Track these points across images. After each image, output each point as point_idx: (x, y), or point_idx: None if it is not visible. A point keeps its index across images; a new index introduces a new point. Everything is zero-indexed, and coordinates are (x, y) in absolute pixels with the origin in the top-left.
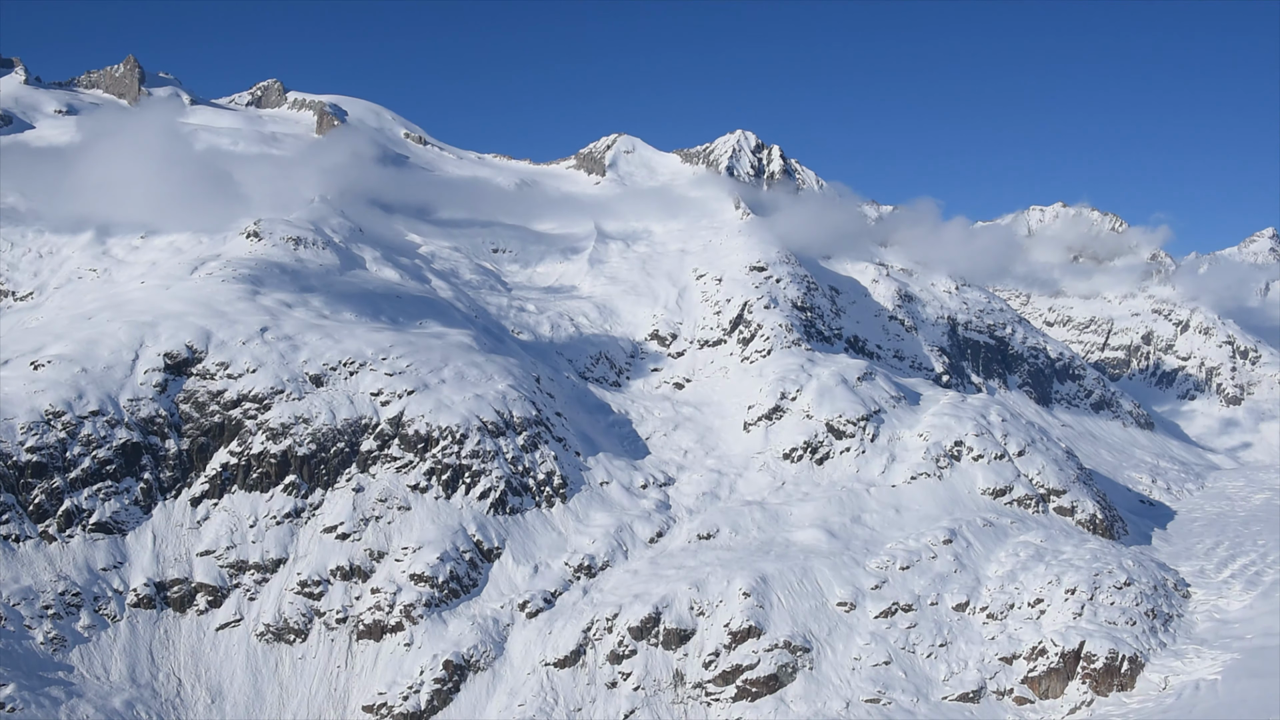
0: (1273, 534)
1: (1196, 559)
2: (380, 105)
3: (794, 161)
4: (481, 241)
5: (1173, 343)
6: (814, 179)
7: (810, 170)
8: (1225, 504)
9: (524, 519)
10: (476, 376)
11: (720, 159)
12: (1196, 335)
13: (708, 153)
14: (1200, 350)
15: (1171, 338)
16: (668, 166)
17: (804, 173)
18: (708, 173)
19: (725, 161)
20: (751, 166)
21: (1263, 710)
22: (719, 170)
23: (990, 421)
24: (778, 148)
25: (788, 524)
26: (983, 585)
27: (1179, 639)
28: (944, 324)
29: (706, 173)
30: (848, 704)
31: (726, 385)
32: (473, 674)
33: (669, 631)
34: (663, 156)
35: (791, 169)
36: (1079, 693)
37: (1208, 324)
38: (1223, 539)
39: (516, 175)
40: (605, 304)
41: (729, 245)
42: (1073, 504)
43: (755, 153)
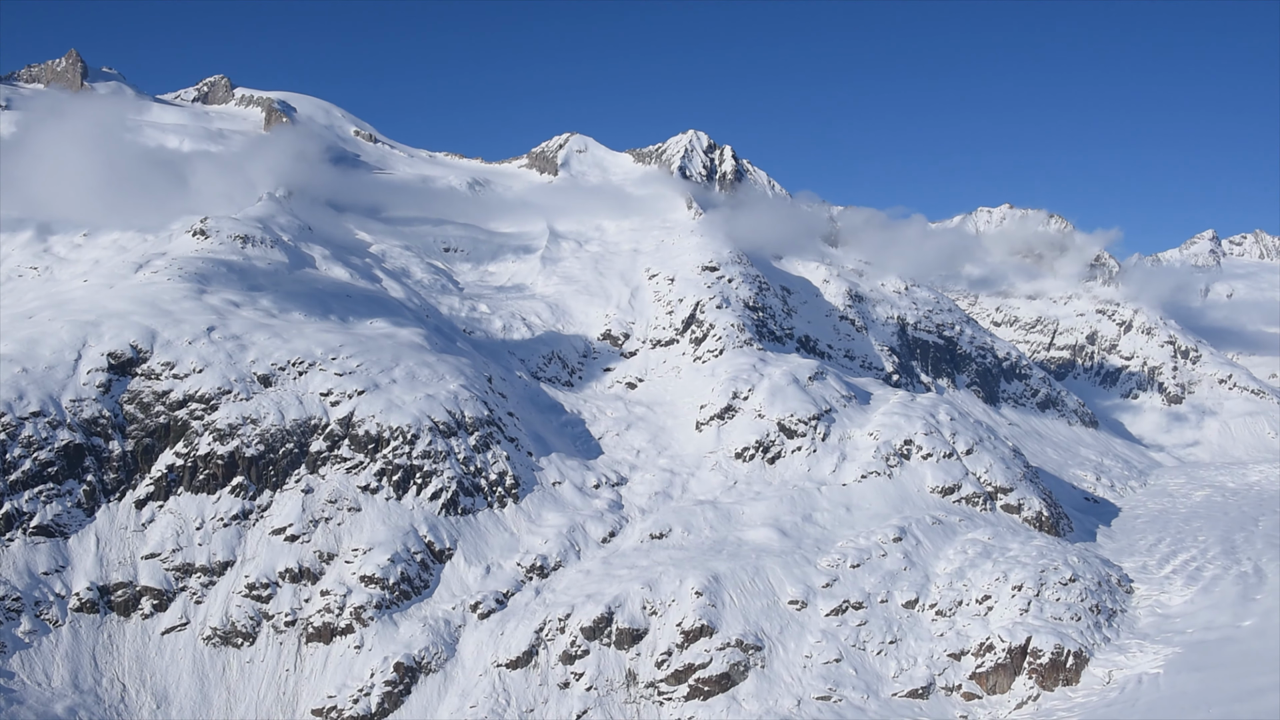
0: (1213, 530)
1: (1139, 555)
2: (330, 102)
3: (746, 162)
4: (433, 240)
5: (1116, 342)
6: (765, 179)
7: (762, 170)
8: (1167, 501)
9: (476, 519)
10: (428, 376)
11: (673, 159)
12: (1139, 335)
13: (660, 152)
14: (1143, 350)
15: (1115, 338)
16: (620, 166)
17: (756, 173)
18: (660, 172)
19: (677, 161)
20: (704, 166)
21: (1203, 703)
22: (671, 170)
23: (939, 420)
24: (730, 148)
25: (740, 523)
26: (932, 582)
27: (1122, 634)
28: (894, 324)
29: (659, 172)
30: (799, 702)
31: (679, 385)
32: (424, 676)
33: (621, 631)
34: (615, 156)
35: (743, 169)
36: (1025, 688)
37: (1150, 324)
38: (1164, 535)
39: (468, 174)
40: (558, 303)
41: (681, 245)
42: (1019, 502)
43: (707, 153)
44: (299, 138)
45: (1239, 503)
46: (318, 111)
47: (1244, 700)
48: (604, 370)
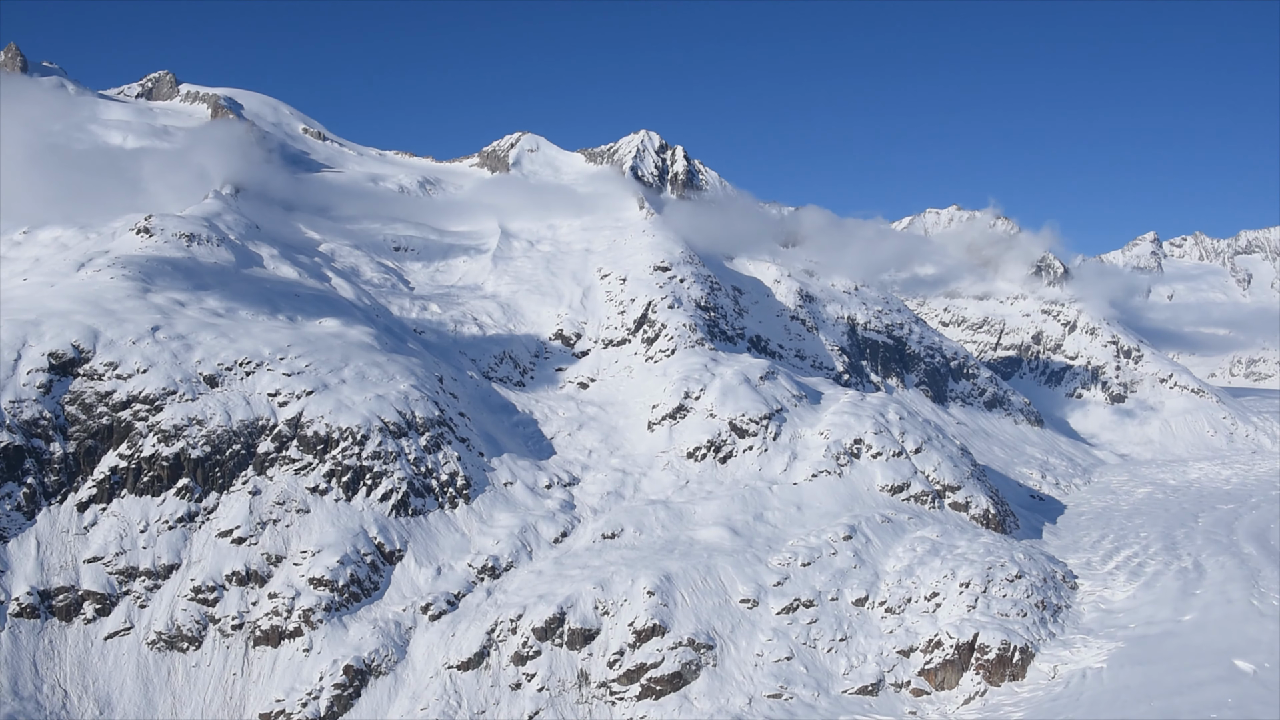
0: (1154, 527)
1: (1083, 552)
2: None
3: (697, 162)
4: (383, 239)
5: (1061, 342)
6: (717, 179)
7: (713, 171)
8: (1110, 498)
9: (427, 520)
10: (378, 376)
11: (624, 159)
12: (1083, 335)
13: (612, 152)
14: (1087, 350)
15: (1060, 337)
16: (572, 165)
17: (707, 173)
18: (612, 172)
19: (629, 161)
20: (655, 166)
21: (1145, 696)
22: (623, 170)
23: (889, 420)
24: (681, 148)
25: (692, 522)
26: (881, 580)
27: (1067, 629)
28: (844, 324)
29: (610, 172)
30: (750, 700)
31: (631, 384)
32: (374, 678)
33: (573, 631)
34: (567, 155)
35: (695, 169)
36: (973, 683)
37: (1094, 324)
38: (1108, 532)
39: (419, 173)
40: (509, 303)
41: (633, 245)
42: (967, 499)
43: (659, 153)
44: (246, 135)
45: (1179, 499)
46: (265, 109)
47: (1185, 693)
48: (556, 370)
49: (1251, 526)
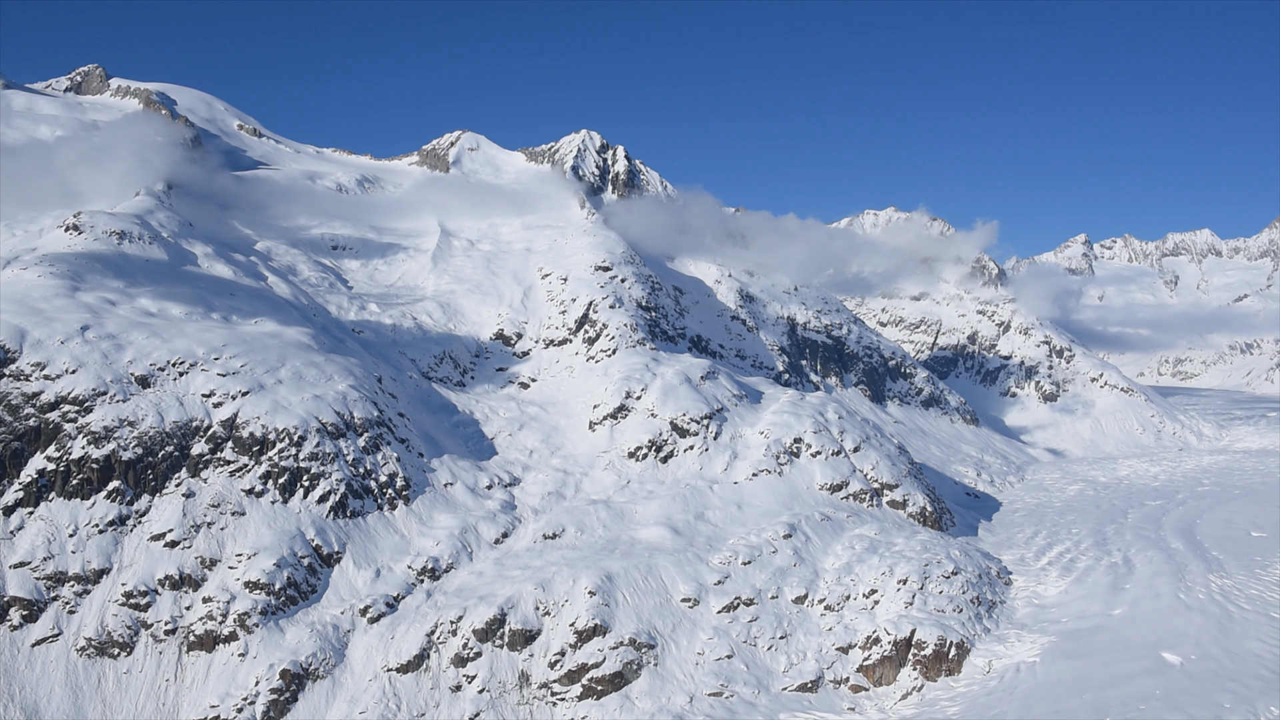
0: (1086, 523)
1: (1017, 548)
2: (212, 95)
3: (639, 162)
4: (321, 238)
5: (996, 342)
6: (658, 180)
7: (654, 171)
8: (1043, 495)
9: (365, 522)
10: (315, 376)
11: (565, 158)
12: (1017, 335)
13: (553, 152)
14: (1021, 349)
15: (995, 337)
16: (512, 165)
17: (648, 173)
18: (553, 172)
19: (570, 161)
20: (596, 166)
21: (1077, 689)
22: (564, 169)
23: (828, 419)
24: (622, 148)
25: (633, 522)
26: (821, 578)
27: (1001, 624)
28: (784, 324)
29: (552, 172)
30: (691, 698)
31: (572, 384)
32: (311, 682)
33: (514, 632)
34: (507, 154)
35: (636, 169)
36: (910, 679)
37: (1027, 325)
38: (1041, 528)
39: (357, 170)
40: (449, 303)
41: (574, 245)
42: (905, 497)
43: (600, 153)
44: (179, 131)
45: (1110, 496)
46: (199, 104)
47: (1115, 686)
48: (497, 370)
49: (1178, 522)
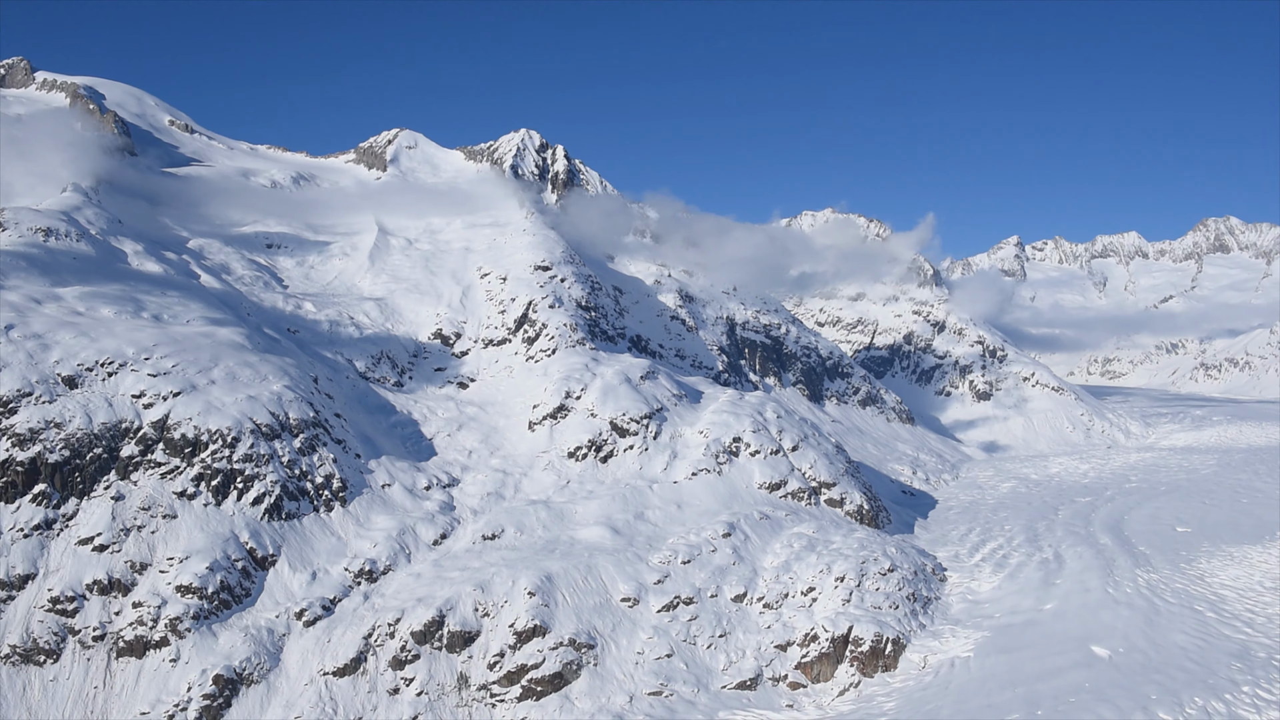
0: (1018, 520)
1: (952, 545)
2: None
3: (578, 162)
4: (255, 236)
5: (931, 342)
6: (598, 179)
7: (594, 171)
8: (977, 493)
9: (301, 524)
10: (249, 377)
11: (505, 157)
12: (952, 335)
13: (492, 150)
14: (955, 349)
15: (930, 338)
16: (451, 163)
17: (588, 173)
18: (492, 171)
19: (510, 160)
20: (536, 165)
21: (1009, 683)
22: (503, 169)
23: (766, 418)
24: (562, 147)
25: (573, 522)
26: (759, 576)
27: (936, 620)
28: (723, 324)
29: (491, 171)
30: (631, 698)
31: (511, 384)
32: (245, 687)
33: (453, 634)
34: (446, 153)
35: (576, 169)
36: (847, 675)
37: (962, 325)
38: (975, 525)
39: (292, 168)
40: (387, 302)
41: (514, 244)
42: (842, 496)
43: (540, 152)
44: (108, 126)
45: (1041, 493)
46: (129, 99)
47: (1046, 679)
48: (435, 370)
49: (1107, 518)
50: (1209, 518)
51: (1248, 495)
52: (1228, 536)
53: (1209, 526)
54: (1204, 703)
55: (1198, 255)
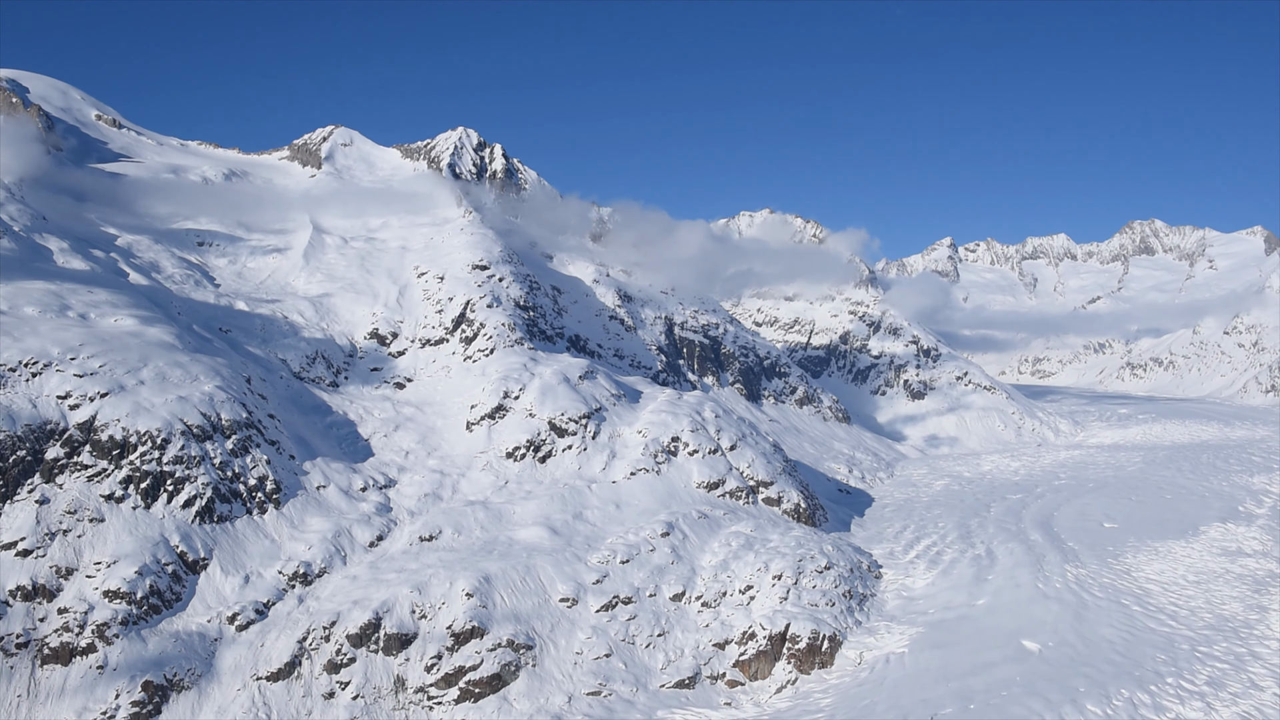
0: (951, 517)
1: (887, 542)
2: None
3: (516, 161)
4: (186, 234)
5: (867, 342)
6: (536, 178)
7: (532, 170)
8: (911, 490)
9: (234, 527)
10: (180, 377)
11: (442, 155)
12: (887, 335)
13: (429, 149)
14: (890, 349)
15: (866, 337)
16: (388, 161)
17: (526, 172)
18: (429, 169)
19: (447, 158)
20: (474, 164)
21: (943, 678)
22: (440, 167)
23: (705, 418)
24: (500, 146)
25: (511, 523)
26: (698, 575)
27: (872, 616)
28: (662, 323)
29: (428, 169)
30: (570, 698)
31: (449, 384)
32: (176, 694)
33: (390, 637)
34: (382, 151)
35: (514, 168)
36: (785, 672)
37: (896, 325)
38: (909, 523)
39: (224, 164)
40: (322, 301)
41: (451, 243)
42: (779, 494)
43: (477, 150)
44: (31, 120)
45: (974, 491)
46: (53, 92)
47: (978, 674)
48: (371, 370)
49: (1037, 515)
50: (1135, 514)
51: (1171, 491)
52: (1153, 532)
53: (1135, 522)
54: (1130, 694)
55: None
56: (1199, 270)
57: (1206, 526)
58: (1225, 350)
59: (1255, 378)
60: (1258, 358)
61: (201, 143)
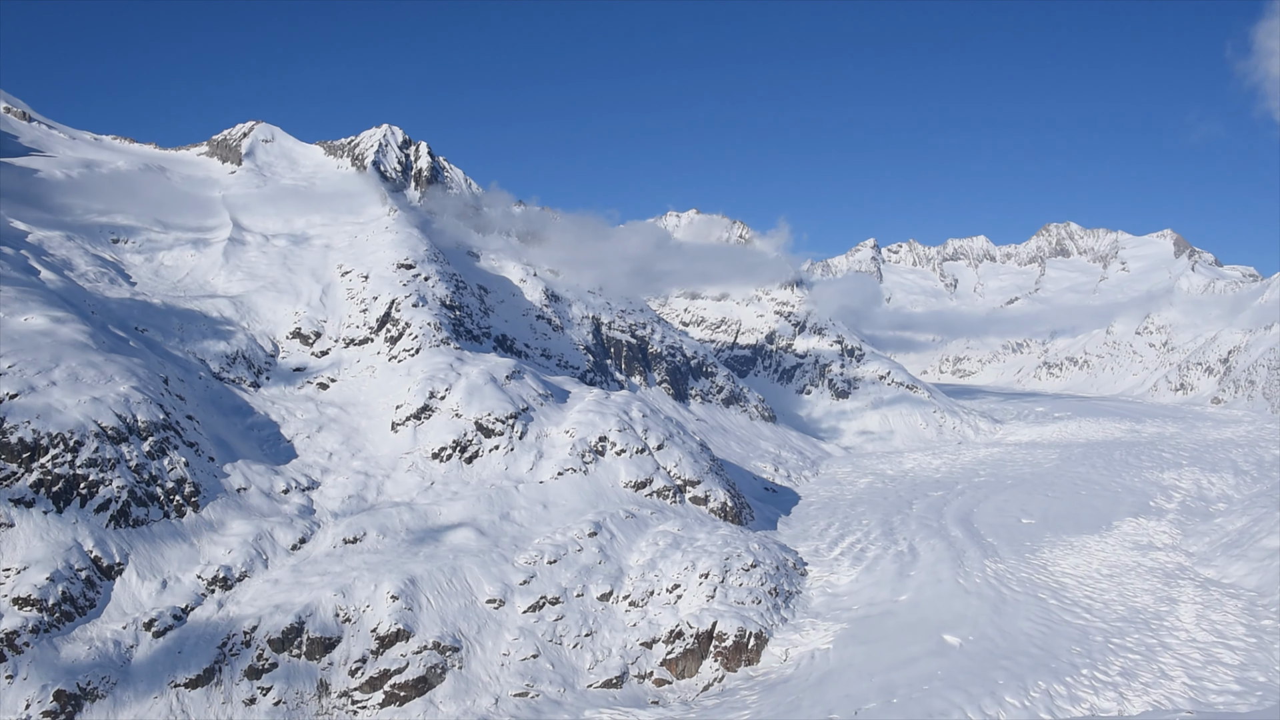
0: (874, 514)
1: (812, 540)
2: None
3: (442, 159)
4: (100, 230)
5: (792, 342)
6: (462, 177)
7: (459, 169)
8: (836, 488)
9: (151, 531)
10: (94, 378)
11: (366, 153)
12: (812, 335)
13: (353, 146)
14: (815, 349)
15: (791, 337)
16: (310, 158)
17: (452, 170)
18: (353, 167)
19: (371, 156)
20: (399, 162)
21: (866, 673)
22: (365, 165)
23: (632, 417)
24: (425, 144)
25: (437, 524)
26: (625, 575)
27: (798, 614)
28: (589, 323)
29: (352, 167)
30: (497, 700)
31: (374, 385)
32: (90, 703)
33: (313, 641)
34: (305, 148)
35: (439, 166)
36: (711, 670)
37: (821, 325)
38: (834, 520)
39: (140, 160)
40: (243, 300)
41: (376, 242)
42: (706, 493)
43: (402, 148)
44: None
45: (896, 488)
46: None
47: (901, 668)
48: (294, 370)
49: (958, 511)
50: (1051, 509)
51: (1086, 488)
52: (1068, 527)
53: (1051, 518)
54: (1047, 686)
55: (1041, 259)
56: (1112, 272)
57: (1119, 521)
58: (1137, 350)
59: (1165, 376)
60: (1167, 357)
61: (116, 137)
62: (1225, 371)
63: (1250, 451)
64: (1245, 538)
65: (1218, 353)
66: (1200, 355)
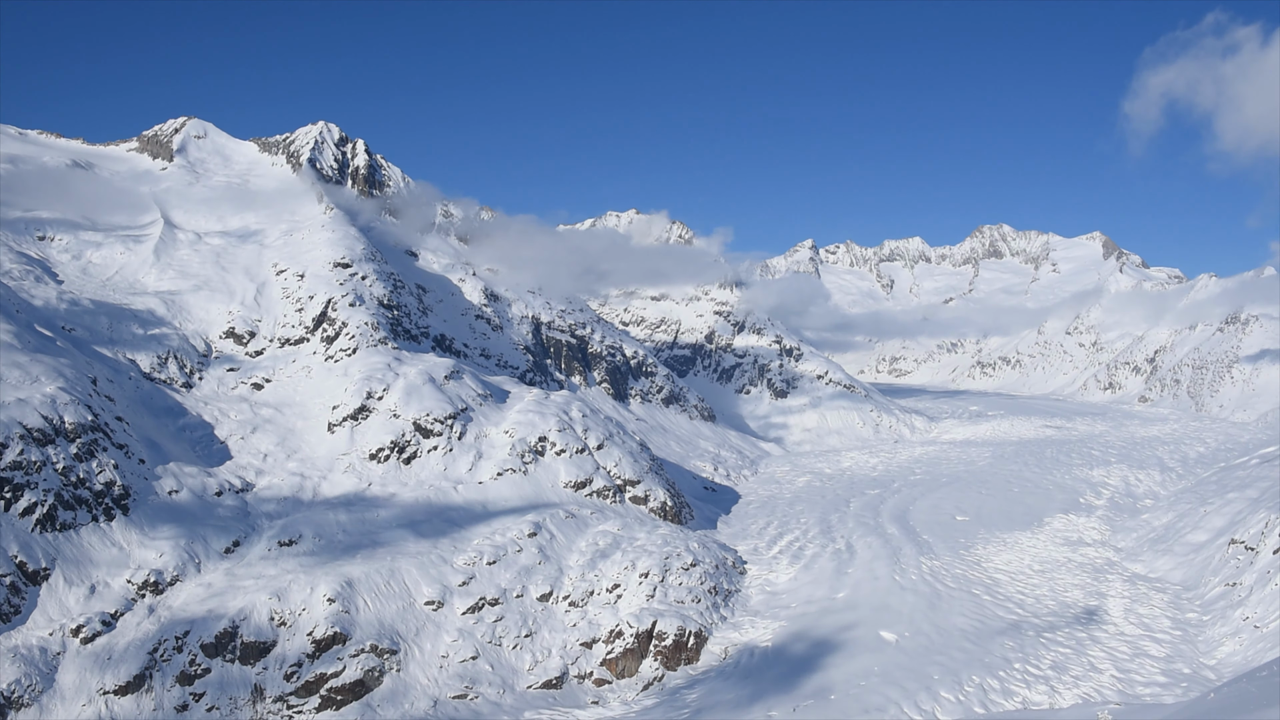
0: (812, 513)
1: (751, 538)
2: None
3: (380, 157)
4: (25, 227)
5: (731, 342)
6: (400, 175)
7: (397, 167)
8: (775, 487)
9: (78, 535)
10: (19, 378)
11: (301, 150)
12: (751, 335)
13: (288, 143)
14: (754, 348)
15: (730, 337)
16: (244, 155)
17: (390, 169)
18: (288, 164)
19: (307, 153)
20: (335, 160)
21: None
22: (300, 162)
23: (572, 417)
24: (362, 142)
25: (375, 525)
26: (565, 575)
27: (737, 611)
28: (529, 323)
29: (287, 164)
30: (435, 702)
31: (310, 385)
32: (14, 712)
33: (247, 645)
34: (238, 144)
35: (377, 164)
36: (651, 669)
37: (760, 325)
38: (773, 519)
39: (67, 155)
40: (174, 299)
41: (312, 240)
42: (646, 493)
43: (339, 146)
44: None
45: (834, 487)
46: None
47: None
48: (228, 370)
49: (894, 509)
50: (985, 506)
51: (1018, 485)
52: (1001, 524)
53: (985, 515)
54: (981, 680)
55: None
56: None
57: (1050, 518)
58: (1067, 350)
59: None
60: (1096, 356)
61: (42, 132)
62: (1152, 371)
63: (1175, 449)
64: (1171, 533)
65: (1144, 352)
66: (1128, 355)
